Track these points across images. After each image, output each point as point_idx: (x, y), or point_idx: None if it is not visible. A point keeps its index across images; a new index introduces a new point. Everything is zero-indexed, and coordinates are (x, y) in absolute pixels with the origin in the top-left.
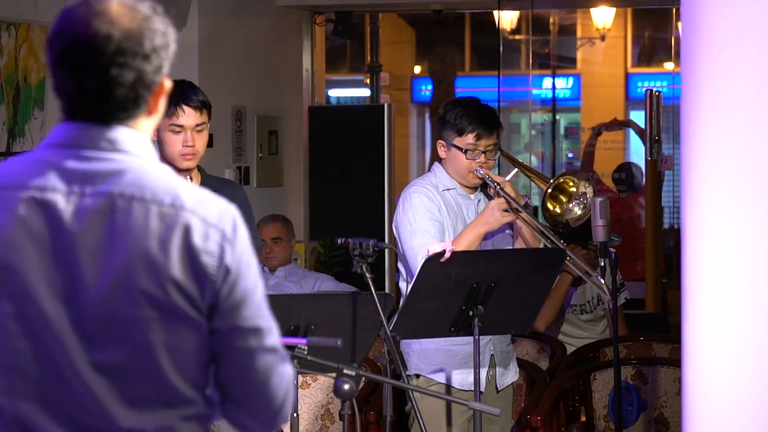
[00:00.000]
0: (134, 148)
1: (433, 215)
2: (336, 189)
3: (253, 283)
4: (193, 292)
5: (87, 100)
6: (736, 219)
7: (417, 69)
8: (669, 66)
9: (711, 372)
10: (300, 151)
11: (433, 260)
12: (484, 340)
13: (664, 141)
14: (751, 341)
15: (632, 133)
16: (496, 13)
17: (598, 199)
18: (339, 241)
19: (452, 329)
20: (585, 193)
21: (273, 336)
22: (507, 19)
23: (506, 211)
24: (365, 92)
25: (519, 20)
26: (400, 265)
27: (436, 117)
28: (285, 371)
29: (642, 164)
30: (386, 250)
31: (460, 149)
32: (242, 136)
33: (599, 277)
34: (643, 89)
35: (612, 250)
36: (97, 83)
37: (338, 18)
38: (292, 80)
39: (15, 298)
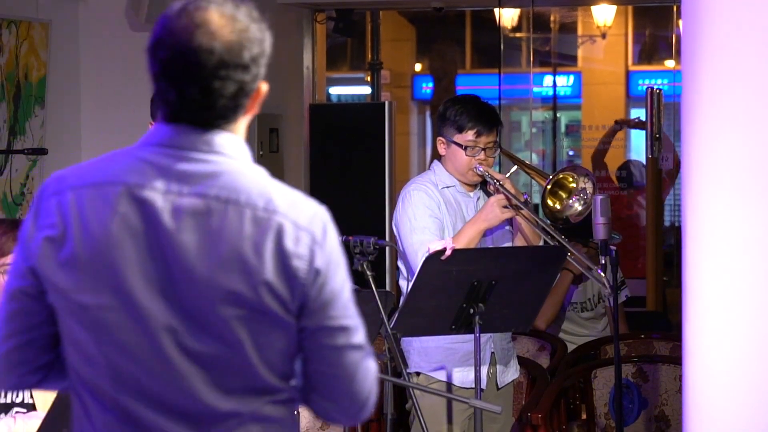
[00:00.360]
0: (231, 150)
1: (433, 212)
2: (337, 187)
3: (340, 284)
4: (284, 293)
5: (189, 109)
6: (736, 216)
7: (418, 67)
8: (670, 64)
9: (711, 370)
10: (301, 148)
11: (433, 258)
12: (485, 337)
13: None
14: (752, 339)
15: (633, 130)
16: (496, 10)
17: (599, 197)
18: (340, 239)
19: (453, 327)
20: (585, 189)
21: (359, 334)
22: (508, 16)
23: (506, 207)
24: (366, 90)
25: (520, 18)
26: (400, 263)
27: (436, 114)
28: (370, 367)
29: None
30: (387, 248)
31: (460, 146)
32: None
33: (599, 271)
34: (644, 87)
35: (613, 247)
36: (199, 95)
37: (339, 16)
38: (293, 78)
39: (114, 291)
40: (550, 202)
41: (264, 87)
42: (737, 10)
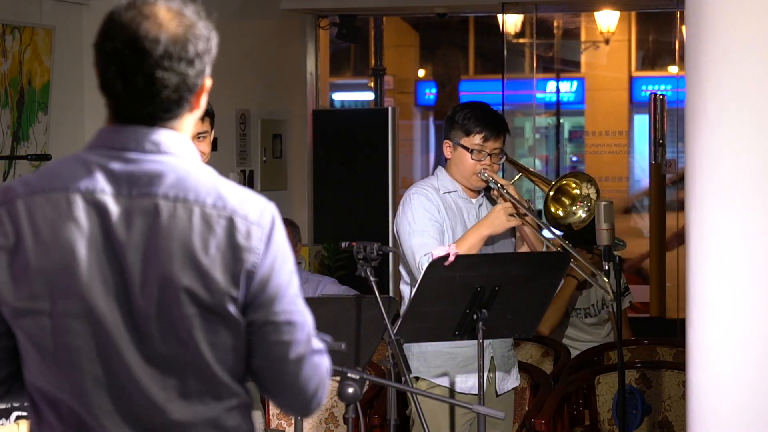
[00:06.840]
0: (177, 149)
1: (433, 216)
2: (340, 192)
3: (287, 279)
4: (232, 288)
5: (133, 100)
6: (740, 222)
7: (421, 72)
8: (673, 69)
9: (715, 375)
10: (304, 154)
11: (437, 264)
12: (485, 342)
13: (668, 145)
14: (755, 345)
15: (636, 136)
16: (500, 16)
17: (602, 203)
18: (343, 244)
19: (456, 333)
20: (588, 195)
21: (306, 330)
22: (511, 22)
23: (512, 215)
24: (369, 96)
25: (523, 24)
26: (401, 268)
27: (445, 118)
28: (318, 363)
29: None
30: (390, 254)
31: (467, 149)
32: (246, 139)
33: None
34: (648, 93)
35: (616, 254)
36: (143, 84)
37: (342, 21)
38: (296, 84)
39: (73, 297)
40: (552, 209)
41: (208, 83)
42: (741, 15)
